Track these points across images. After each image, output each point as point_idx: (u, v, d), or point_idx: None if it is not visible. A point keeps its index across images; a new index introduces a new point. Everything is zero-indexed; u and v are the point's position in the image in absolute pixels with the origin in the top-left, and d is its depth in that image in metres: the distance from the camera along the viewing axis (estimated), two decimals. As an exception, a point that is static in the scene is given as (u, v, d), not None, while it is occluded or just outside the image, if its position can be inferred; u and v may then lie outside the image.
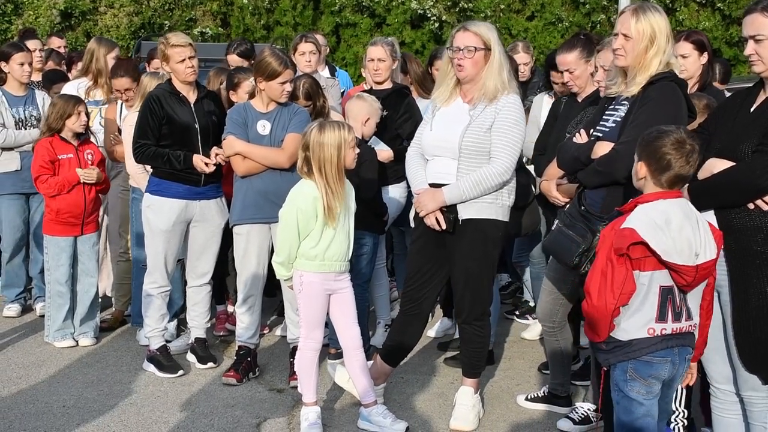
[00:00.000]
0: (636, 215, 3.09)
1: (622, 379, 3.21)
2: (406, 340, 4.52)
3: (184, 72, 4.91)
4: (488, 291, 4.32)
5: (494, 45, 4.14)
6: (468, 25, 4.21)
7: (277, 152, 4.71)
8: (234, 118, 4.82)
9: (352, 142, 4.08)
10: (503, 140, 4.09)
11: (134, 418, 4.42)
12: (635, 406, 3.20)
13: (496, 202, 4.16)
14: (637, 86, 3.64)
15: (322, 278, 4.16)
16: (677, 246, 3.04)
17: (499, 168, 4.08)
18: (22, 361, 5.24)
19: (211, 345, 5.40)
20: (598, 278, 3.11)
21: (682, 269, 3.06)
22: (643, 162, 3.14)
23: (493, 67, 4.13)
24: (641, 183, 3.18)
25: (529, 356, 5.47)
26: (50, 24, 14.99)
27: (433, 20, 14.06)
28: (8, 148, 6.05)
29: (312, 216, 4.07)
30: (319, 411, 4.29)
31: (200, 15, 15.57)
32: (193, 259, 5.17)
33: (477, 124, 4.12)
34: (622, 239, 3.06)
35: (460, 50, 4.13)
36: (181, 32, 5.09)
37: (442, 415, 4.49)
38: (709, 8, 14.02)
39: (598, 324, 3.15)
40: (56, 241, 5.46)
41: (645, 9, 3.67)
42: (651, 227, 3.03)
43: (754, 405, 3.37)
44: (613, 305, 3.08)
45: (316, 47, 6.17)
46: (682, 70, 4.74)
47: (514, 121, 4.12)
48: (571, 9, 14.50)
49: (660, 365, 3.17)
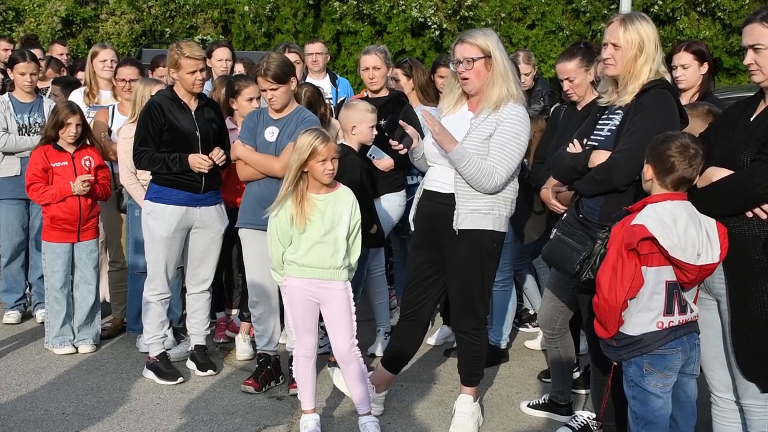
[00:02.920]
0: (646, 213, 3.27)
1: (638, 375, 3.36)
2: (406, 346, 4.52)
3: (192, 83, 4.93)
4: (483, 301, 4.30)
5: (494, 50, 4.10)
6: (464, 36, 4.18)
7: (271, 160, 4.71)
8: (246, 124, 4.87)
9: (323, 155, 3.98)
10: (501, 153, 4.07)
11: (134, 425, 4.41)
12: (653, 400, 3.36)
13: (492, 212, 4.14)
14: (630, 95, 3.67)
15: (305, 284, 4.13)
16: (682, 244, 3.21)
17: (496, 179, 4.06)
18: (21, 368, 5.24)
19: (211, 352, 5.40)
20: (608, 273, 3.28)
21: (687, 267, 3.24)
22: (650, 165, 3.33)
23: (497, 73, 4.10)
24: (648, 185, 3.37)
25: (528, 364, 5.47)
26: (51, 31, 15.01)
27: (434, 28, 14.07)
28: (9, 153, 6.09)
29: (286, 223, 4.08)
30: (317, 419, 4.29)
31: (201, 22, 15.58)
32: (194, 266, 5.17)
33: (477, 133, 4.11)
34: (632, 234, 3.23)
35: (460, 63, 4.12)
36: (195, 43, 5.08)
37: (442, 423, 4.48)
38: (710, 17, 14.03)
39: (608, 318, 3.31)
40: (52, 248, 5.47)
41: (633, 18, 3.70)
42: (659, 224, 3.22)
43: (753, 413, 3.37)
44: (623, 298, 3.26)
45: (299, 57, 6.39)
46: (682, 80, 4.77)
47: (514, 134, 4.09)
48: (572, 18, 14.52)
49: (673, 356, 3.34)
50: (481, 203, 4.12)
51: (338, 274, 4.14)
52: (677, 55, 4.83)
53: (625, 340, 3.35)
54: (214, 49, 6.84)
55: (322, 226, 4.07)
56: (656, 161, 3.30)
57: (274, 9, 14.98)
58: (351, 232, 4.16)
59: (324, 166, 4.02)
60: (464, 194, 4.12)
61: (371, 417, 4.30)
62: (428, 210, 4.30)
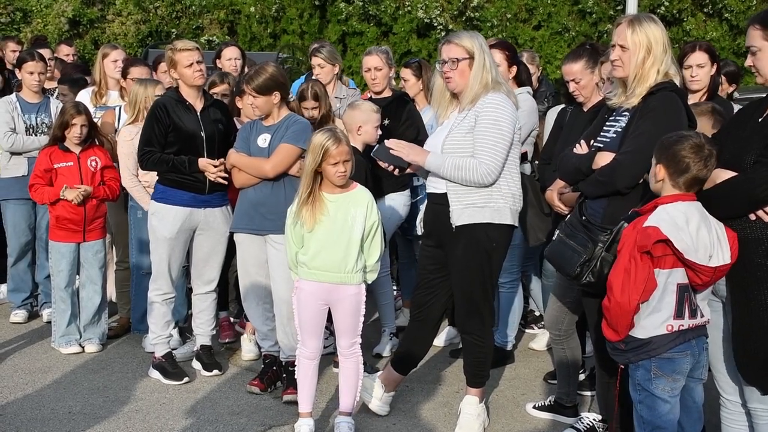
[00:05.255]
0: (658, 214, 3.22)
1: (646, 378, 3.32)
2: (414, 347, 4.53)
3: (192, 76, 4.93)
4: (487, 302, 4.28)
5: (476, 52, 4.14)
6: (451, 37, 4.25)
7: (261, 161, 4.68)
8: (240, 134, 4.89)
9: (334, 158, 3.96)
10: (483, 141, 4.06)
11: (140, 425, 4.42)
12: (660, 404, 3.30)
13: (489, 205, 4.12)
14: (637, 97, 3.66)
15: (315, 288, 4.11)
16: (695, 245, 3.17)
17: (482, 168, 4.04)
18: (28, 367, 5.26)
19: (216, 352, 5.40)
20: (621, 275, 3.22)
21: (701, 268, 3.19)
22: (662, 165, 3.28)
23: (475, 72, 4.14)
24: (659, 185, 3.31)
25: (534, 366, 5.46)
26: (58, 32, 15.06)
27: (440, 29, 14.08)
28: (17, 153, 6.11)
29: (297, 222, 4.08)
30: (312, 425, 4.25)
31: (207, 23, 15.62)
32: (199, 267, 5.17)
33: (458, 129, 4.15)
34: (646, 237, 3.18)
35: (446, 63, 4.17)
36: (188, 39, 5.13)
37: (447, 424, 4.48)
38: (717, 18, 14.02)
39: (619, 321, 3.26)
40: (58, 247, 5.49)
41: (641, 20, 3.69)
42: (673, 226, 3.17)
43: (760, 417, 3.35)
44: (636, 301, 3.21)
45: (323, 61, 6.20)
46: (697, 80, 4.78)
47: (493, 120, 4.07)
48: (578, 19, 14.51)
49: (681, 359, 3.30)
50: (476, 197, 4.11)
51: (350, 278, 4.09)
52: (693, 56, 4.83)
53: (633, 342, 3.30)
54: (222, 49, 6.85)
55: (332, 227, 4.04)
56: (669, 161, 3.24)
57: (280, 10, 15.00)
58: (368, 234, 4.11)
59: (336, 169, 4.00)
60: (456, 191, 4.13)
61: (348, 419, 4.27)
62: (431, 212, 4.35)
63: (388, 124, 5.40)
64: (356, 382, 4.27)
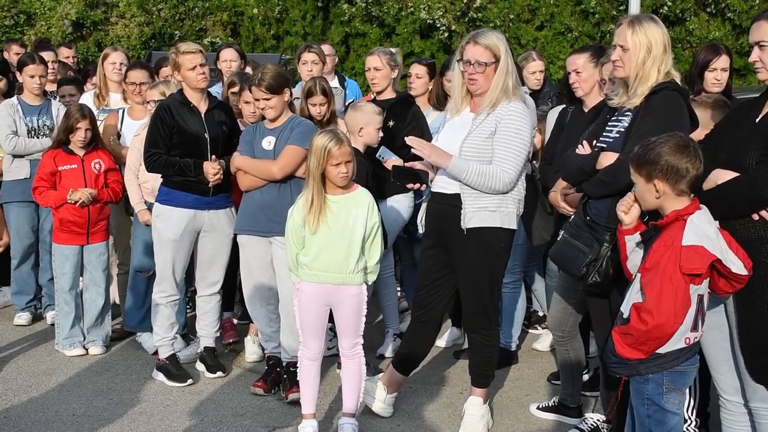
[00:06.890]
0: (692, 231, 3.06)
1: (657, 393, 3.19)
2: (416, 348, 4.53)
3: (195, 79, 4.94)
4: (493, 301, 4.30)
5: (503, 54, 4.11)
6: (478, 37, 4.14)
7: (268, 163, 4.68)
8: (243, 137, 4.89)
9: (336, 159, 3.97)
10: (505, 151, 4.07)
11: (144, 427, 4.43)
12: (670, 418, 3.21)
13: (500, 209, 4.13)
14: (639, 97, 3.65)
15: (317, 289, 4.12)
16: (726, 254, 3.07)
17: (505, 177, 4.07)
18: (32, 370, 5.26)
19: (220, 354, 5.41)
20: (661, 297, 3.04)
21: (741, 277, 3.10)
22: (659, 179, 3.13)
23: (499, 76, 4.11)
24: (660, 201, 3.17)
25: (538, 366, 5.46)
26: (62, 34, 15.10)
27: (443, 30, 14.09)
28: (19, 156, 6.12)
29: (299, 223, 4.08)
30: (316, 426, 4.25)
31: (210, 25, 15.65)
32: (203, 269, 5.18)
33: (477, 132, 4.12)
34: (697, 258, 3.01)
35: (471, 64, 4.12)
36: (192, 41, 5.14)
37: (451, 425, 4.48)
38: (720, 18, 14.01)
39: (654, 343, 3.11)
40: (61, 250, 5.50)
41: (641, 20, 3.69)
42: (710, 241, 3.03)
43: (762, 417, 3.34)
44: (681, 323, 3.07)
45: (319, 57, 6.28)
46: (721, 83, 4.80)
47: (515, 130, 4.09)
48: (581, 19, 14.51)
49: (691, 372, 3.24)
50: (488, 201, 4.11)
51: (351, 279, 4.11)
52: (719, 60, 4.83)
53: None
54: (220, 50, 6.86)
55: (334, 227, 4.05)
56: (667, 173, 3.10)
57: (283, 11, 15.02)
58: (368, 235, 4.12)
59: (338, 169, 4.01)
60: (470, 193, 4.12)
61: (352, 420, 4.27)
62: (436, 212, 4.31)
63: (392, 125, 5.38)
64: (359, 383, 4.28)
